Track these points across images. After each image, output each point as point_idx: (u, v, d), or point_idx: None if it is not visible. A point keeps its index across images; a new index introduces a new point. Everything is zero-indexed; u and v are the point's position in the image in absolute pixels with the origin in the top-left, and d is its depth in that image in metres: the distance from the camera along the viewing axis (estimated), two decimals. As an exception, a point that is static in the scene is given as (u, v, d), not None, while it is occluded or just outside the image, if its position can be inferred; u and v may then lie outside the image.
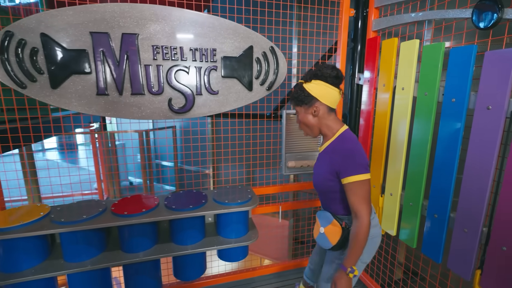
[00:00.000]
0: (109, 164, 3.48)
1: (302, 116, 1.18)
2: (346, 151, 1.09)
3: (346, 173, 1.06)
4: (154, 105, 1.59)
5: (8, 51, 1.33)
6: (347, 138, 1.13)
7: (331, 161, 1.12)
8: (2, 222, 1.32)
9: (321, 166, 1.18)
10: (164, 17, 1.50)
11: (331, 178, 1.13)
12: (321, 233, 1.22)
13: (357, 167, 1.05)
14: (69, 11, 1.38)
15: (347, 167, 1.06)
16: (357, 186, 1.05)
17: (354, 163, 1.06)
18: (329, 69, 1.12)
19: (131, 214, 1.42)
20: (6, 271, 1.32)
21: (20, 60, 1.36)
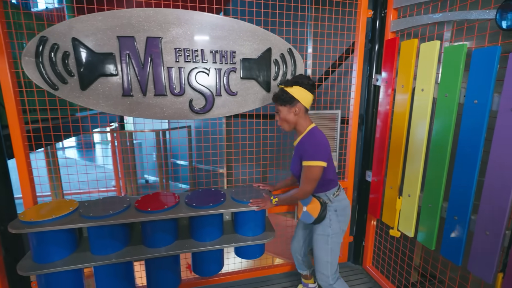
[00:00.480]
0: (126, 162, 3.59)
1: (285, 114, 1.43)
2: (310, 142, 1.39)
3: (304, 157, 1.39)
4: (176, 105, 1.65)
5: (42, 55, 1.42)
6: (313, 133, 1.43)
7: (299, 150, 1.43)
8: (36, 215, 1.40)
9: (295, 155, 1.48)
10: (186, 21, 1.56)
11: (300, 164, 1.43)
12: (304, 211, 1.51)
13: (313, 155, 1.36)
14: (98, 17, 1.45)
15: (307, 153, 1.38)
16: (308, 170, 1.38)
17: (316, 151, 1.36)
18: (306, 79, 1.43)
19: (154, 211, 1.48)
20: (39, 261, 1.41)
21: (53, 63, 1.44)
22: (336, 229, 1.52)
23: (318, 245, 1.55)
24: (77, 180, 1.79)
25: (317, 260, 1.57)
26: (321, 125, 1.95)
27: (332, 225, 1.51)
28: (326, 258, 1.54)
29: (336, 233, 1.52)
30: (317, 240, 1.55)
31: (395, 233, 1.71)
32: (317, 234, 1.55)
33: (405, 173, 1.62)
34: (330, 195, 1.51)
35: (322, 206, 1.47)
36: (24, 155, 1.52)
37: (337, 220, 1.51)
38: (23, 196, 1.56)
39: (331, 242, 1.52)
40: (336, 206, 1.51)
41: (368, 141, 2.06)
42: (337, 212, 1.51)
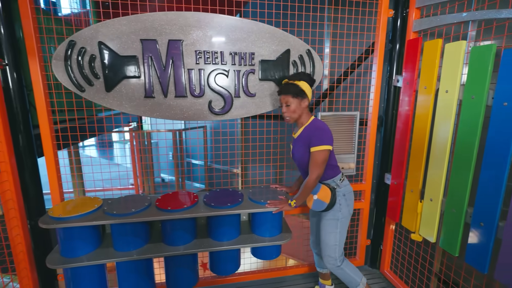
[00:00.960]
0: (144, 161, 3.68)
1: (296, 106, 1.50)
2: (316, 128, 1.48)
3: (312, 144, 1.45)
4: (195, 107, 1.68)
5: (71, 58, 1.48)
6: (317, 121, 1.52)
7: (306, 139, 1.49)
8: (63, 211, 1.47)
9: (299, 146, 1.53)
10: (206, 24, 1.58)
11: (307, 152, 1.49)
12: (315, 199, 1.53)
13: (320, 140, 1.43)
14: (123, 21, 1.50)
15: (313, 140, 1.45)
16: (317, 154, 1.44)
17: (323, 136, 1.44)
18: (307, 76, 1.52)
19: (174, 210, 1.51)
20: (66, 255, 1.47)
21: (80, 66, 1.50)
22: (345, 212, 1.57)
23: (327, 230, 1.59)
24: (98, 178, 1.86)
25: (325, 244, 1.62)
26: (339, 126, 1.93)
27: (342, 209, 1.56)
28: (334, 242, 1.59)
29: (346, 216, 1.58)
30: (326, 225, 1.59)
31: (416, 238, 1.67)
32: (327, 219, 1.58)
33: (427, 177, 1.58)
34: (337, 181, 1.57)
35: (332, 191, 1.51)
36: (53, 153, 1.59)
37: (346, 204, 1.57)
38: (52, 192, 1.63)
39: (340, 225, 1.58)
40: (344, 190, 1.57)
41: (387, 143, 2.02)
42: (346, 196, 1.57)
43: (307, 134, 1.49)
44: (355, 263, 2.24)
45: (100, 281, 1.56)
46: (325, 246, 1.62)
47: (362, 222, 2.14)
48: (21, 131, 1.53)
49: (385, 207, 2.06)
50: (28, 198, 1.60)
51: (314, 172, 1.46)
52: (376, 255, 2.23)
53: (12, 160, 1.47)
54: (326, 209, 1.52)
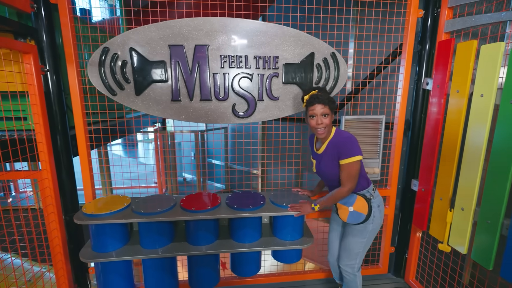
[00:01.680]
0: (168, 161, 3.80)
1: (330, 119, 1.45)
2: (343, 140, 1.42)
3: (342, 156, 1.40)
4: (220, 110, 1.71)
5: (104, 64, 1.57)
6: (340, 132, 1.47)
7: (333, 153, 1.44)
8: (95, 209, 1.55)
9: (327, 161, 1.48)
10: (232, 29, 1.61)
11: (337, 166, 1.44)
12: (351, 211, 1.49)
13: (351, 151, 1.38)
14: (152, 28, 1.56)
15: (343, 152, 1.39)
16: (350, 166, 1.39)
17: (352, 148, 1.38)
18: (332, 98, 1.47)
19: (198, 210, 1.55)
20: (97, 250, 1.56)
21: (113, 71, 1.58)
22: (377, 224, 1.53)
23: (353, 238, 1.56)
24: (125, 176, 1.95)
25: (347, 251, 1.58)
26: (363, 130, 1.89)
27: (375, 221, 1.52)
28: (358, 250, 1.57)
29: (376, 228, 1.54)
30: (352, 234, 1.56)
31: (444, 248, 1.60)
32: (355, 229, 1.54)
33: (458, 184, 1.51)
34: (371, 191, 1.53)
35: (368, 202, 1.48)
36: (86, 153, 1.69)
37: (379, 215, 1.53)
38: (85, 190, 1.74)
39: (369, 236, 1.54)
40: (377, 201, 1.53)
41: (414, 148, 1.95)
42: (380, 208, 1.53)
43: (334, 147, 1.44)
44: (377, 270, 2.18)
45: (127, 276, 1.64)
46: (347, 251, 1.59)
47: (386, 228, 2.07)
48: (59, 132, 1.64)
49: (411, 214, 1.99)
50: (64, 195, 1.71)
51: (347, 185, 1.42)
52: (401, 264, 2.15)
53: (51, 160, 1.58)
54: (364, 221, 1.48)
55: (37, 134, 1.51)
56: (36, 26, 1.50)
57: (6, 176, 1.52)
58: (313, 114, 1.43)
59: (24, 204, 1.68)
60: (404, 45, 1.82)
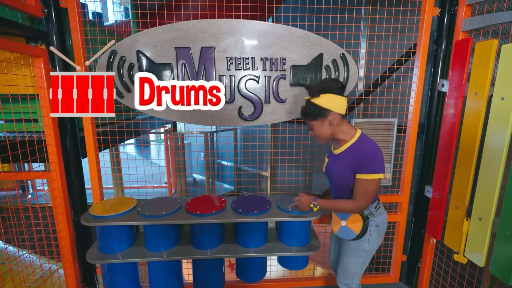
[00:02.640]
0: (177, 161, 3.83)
1: (318, 128, 1.31)
2: (366, 152, 1.25)
3: (361, 170, 1.25)
4: (226, 112, 1.69)
5: (112, 66, 1.58)
6: (365, 141, 1.30)
7: (351, 161, 1.28)
8: (102, 210, 1.57)
9: (340, 165, 1.33)
10: (238, 30, 1.59)
11: (351, 175, 1.30)
12: (342, 226, 1.40)
13: (373, 167, 1.23)
14: (159, 30, 1.56)
15: (364, 166, 1.24)
16: (368, 184, 1.26)
17: (372, 163, 1.24)
18: (333, 82, 1.28)
19: (202, 214, 1.54)
20: (104, 252, 1.57)
21: (120, 74, 1.59)
22: (373, 244, 1.41)
23: (349, 257, 1.45)
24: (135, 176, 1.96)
25: (343, 270, 1.48)
26: (374, 134, 1.82)
27: (371, 241, 1.39)
28: (354, 269, 1.45)
29: (373, 249, 1.42)
30: (348, 252, 1.45)
31: (460, 259, 1.52)
32: (351, 247, 1.43)
33: (476, 192, 1.42)
34: (372, 209, 1.39)
35: (364, 221, 1.36)
36: (95, 155, 1.71)
37: (377, 235, 1.40)
38: (93, 191, 1.76)
39: (365, 256, 1.43)
40: (378, 220, 1.39)
41: (428, 153, 1.86)
42: (379, 227, 1.40)
43: (354, 155, 1.28)
44: (388, 279, 2.10)
45: (133, 277, 1.65)
46: (343, 271, 1.48)
47: (398, 236, 1.99)
48: (69, 134, 1.67)
49: (424, 221, 1.90)
50: (73, 195, 1.74)
51: (359, 201, 1.28)
52: (413, 273, 2.06)
53: (60, 161, 1.61)
54: (354, 239, 1.38)
55: (47, 136, 1.54)
56: (47, 30, 1.53)
57: (17, 177, 1.56)
58: None
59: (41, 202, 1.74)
60: (418, 45, 1.74)
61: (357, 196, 1.29)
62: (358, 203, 1.29)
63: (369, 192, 1.27)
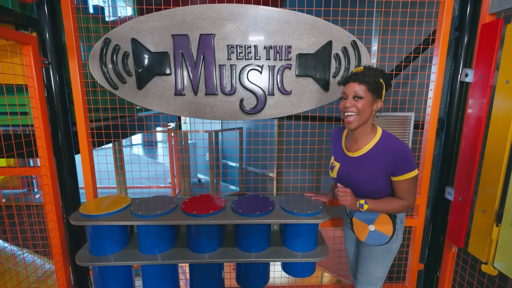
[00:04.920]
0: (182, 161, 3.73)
1: (367, 104, 1.13)
2: (398, 150, 1.14)
3: (400, 172, 1.14)
4: (226, 105, 1.57)
5: (106, 56, 1.48)
6: (389, 137, 1.19)
7: (383, 162, 1.16)
8: (92, 209, 1.46)
9: (366, 168, 1.20)
10: (240, 16, 1.47)
11: (384, 179, 1.19)
12: (371, 231, 1.25)
13: (411, 164, 1.14)
14: (154, 17, 1.46)
15: (401, 166, 1.14)
16: (410, 182, 1.17)
17: (410, 161, 1.14)
18: (385, 76, 1.17)
19: (199, 214, 1.42)
20: (94, 253, 1.46)
21: (114, 64, 1.50)
22: (399, 242, 1.34)
23: (374, 260, 1.34)
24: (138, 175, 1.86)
25: (367, 275, 1.37)
26: (388, 129, 1.66)
27: (398, 239, 1.32)
28: (379, 274, 1.36)
29: (398, 246, 1.34)
30: (373, 255, 1.34)
31: (489, 271, 1.34)
32: (376, 250, 1.32)
33: (508, 195, 1.25)
34: None
35: (393, 221, 1.25)
36: (88, 150, 1.61)
37: (402, 231, 1.34)
38: (86, 188, 1.66)
39: (391, 257, 1.34)
40: (401, 216, 1.32)
41: (449, 150, 1.69)
42: (402, 223, 1.33)
43: (384, 156, 1.15)
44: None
45: (126, 281, 1.54)
46: (367, 276, 1.37)
47: (415, 242, 1.82)
48: (61, 128, 1.58)
49: (444, 227, 1.73)
50: (66, 193, 1.65)
51: (410, 199, 1.20)
52: (431, 283, 1.88)
53: (50, 156, 1.52)
54: (387, 242, 1.26)
55: (36, 128, 1.45)
56: (38, 17, 1.45)
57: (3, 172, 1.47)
58: (343, 95, 1.18)
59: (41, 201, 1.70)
60: (438, 31, 1.58)
61: (404, 196, 1.20)
62: (408, 201, 1.21)
63: (414, 189, 1.21)
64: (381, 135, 1.20)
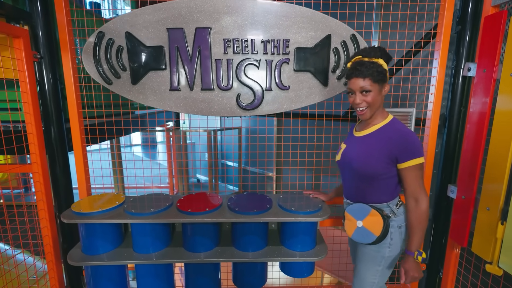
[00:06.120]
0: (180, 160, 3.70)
1: (376, 94, 1.11)
2: (404, 134, 1.10)
3: (407, 156, 1.08)
4: (223, 101, 1.54)
5: (99, 50, 1.45)
6: (399, 123, 1.15)
7: (386, 144, 1.11)
8: (85, 207, 1.43)
9: (367, 147, 1.16)
10: (236, 9, 1.44)
11: (385, 162, 1.12)
12: (359, 227, 1.19)
13: (417, 150, 1.08)
14: (149, 9, 1.43)
15: (407, 151, 1.08)
16: (418, 169, 1.09)
17: (416, 146, 1.08)
18: (383, 51, 1.13)
19: (194, 212, 1.38)
20: (86, 252, 1.42)
21: (107, 58, 1.46)
22: (395, 250, 1.21)
23: (365, 264, 1.26)
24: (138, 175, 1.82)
25: (359, 280, 1.28)
26: (389, 126, 1.62)
27: (392, 246, 1.20)
28: (372, 280, 1.25)
29: (395, 255, 1.22)
30: (365, 258, 1.26)
31: (493, 271, 1.29)
32: (367, 252, 1.25)
33: (513, 192, 1.20)
34: (393, 206, 1.21)
35: (385, 221, 1.16)
36: (81, 147, 1.58)
37: (399, 239, 1.21)
38: (79, 186, 1.63)
39: (385, 263, 1.22)
40: (400, 221, 1.21)
41: (451, 147, 1.65)
42: (401, 230, 1.21)
43: (388, 138, 1.12)
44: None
45: (120, 282, 1.50)
46: (359, 281, 1.28)
47: (416, 242, 1.77)
48: (54, 124, 1.54)
49: (447, 226, 1.69)
50: (58, 191, 1.61)
51: (421, 195, 1.10)
52: (434, 284, 1.83)
53: (42, 153, 1.48)
54: (373, 242, 1.18)
55: (27, 124, 1.41)
56: (30, 10, 1.42)
57: (-7, 169, 1.44)
58: (350, 90, 1.15)
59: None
60: (439, 25, 1.55)
61: (412, 191, 1.11)
62: (421, 198, 1.10)
63: (422, 179, 1.11)
64: (390, 120, 1.17)
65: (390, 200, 1.21)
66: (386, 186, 1.18)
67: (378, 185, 1.18)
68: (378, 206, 1.20)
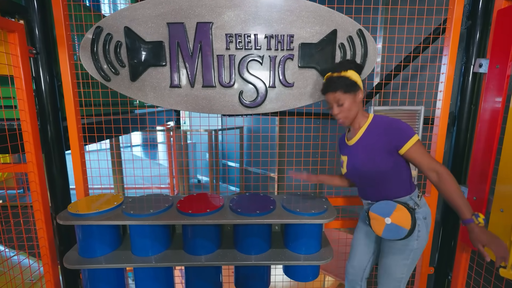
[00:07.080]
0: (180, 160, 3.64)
1: (350, 103, 1.18)
2: (391, 122, 1.15)
3: (403, 139, 1.11)
4: (225, 98, 1.49)
5: (97, 45, 1.40)
6: (380, 117, 1.21)
7: (379, 138, 1.16)
8: (81, 208, 1.38)
9: (367, 152, 1.18)
10: (239, 3, 1.39)
11: (388, 155, 1.15)
12: (388, 224, 1.18)
13: (409, 130, 1.12)
14: (149, 3, 1.38)
15: (401, 134, 1.11)
16: (419, 145, 1.11)
17: (405, 128, 1.12)
18: (353, 63, 1.23)
19: (195, 214, 1.32)
20: (83, 255, 1.37)
21: (106, 54, 1.42)
22: (423, 241, 1.22)
23: (394, 259, 1.25)
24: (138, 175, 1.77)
25: (388, 275, 1.27)
26: (397, 124, 1.57)
27: (420, 238, 1.20)
28: (400, 275, 1.25)
29: (422, 246, 1.23)
30: (393, 253, 1.24)
31: (508, 275, 1.24)
32: (395, 247, 1.23)
33: (529, 192, 1.15)
34: (415, 198, 1.22)
35: (412, 213, 1.16)
36: (78, 146, 1.53)
37: (426, 230, 1.22)
38: (76, 187, 1.58)
39: (413, 256, 1.23)
40: (424, 212, 1.22)
41: (461, 147, 1.59)
42: (426, 221, 1.22)
43: (378, 132, 1.17)
44: None
45: (118, 285, 1.44)
46: (388, 276, 1.27)
47: (424, 244, 1.71)
48: (50, 122, 1.49)
49: (456, 228, 1.63)
50: (55, 192, 1.56)
51: (439, 166, 1.08)
52: (442, 287, 1.77)
53: (38, 152, 1.43)
54: (405, 237, 1.16)
55: (22, 122, 1.37)
56: (26, 4, 1.37)
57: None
58: (327, 103, 1.24)
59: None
60: (449, 20, 1.49)
61: (429, 166, 1.10)
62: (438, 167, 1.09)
63: (427, 153, 1.12)
64: (372, 118, 1.22)
65: (410, 193, 1.21)
66: (401, 179, 1.20)
67: (393, 180, 1.19)
68: (403, 200, 1.20)
